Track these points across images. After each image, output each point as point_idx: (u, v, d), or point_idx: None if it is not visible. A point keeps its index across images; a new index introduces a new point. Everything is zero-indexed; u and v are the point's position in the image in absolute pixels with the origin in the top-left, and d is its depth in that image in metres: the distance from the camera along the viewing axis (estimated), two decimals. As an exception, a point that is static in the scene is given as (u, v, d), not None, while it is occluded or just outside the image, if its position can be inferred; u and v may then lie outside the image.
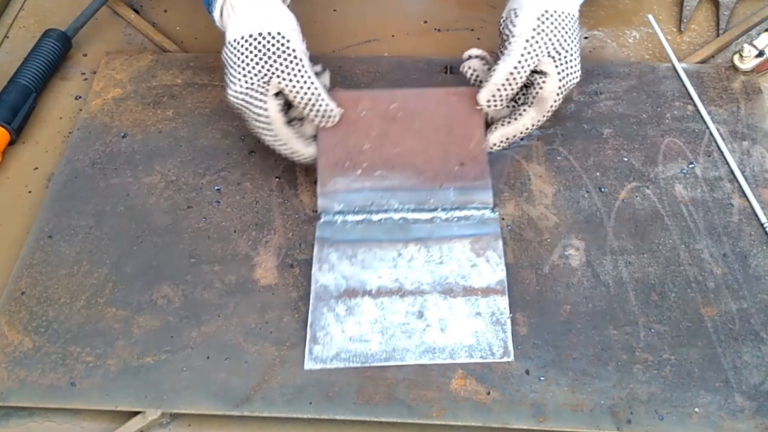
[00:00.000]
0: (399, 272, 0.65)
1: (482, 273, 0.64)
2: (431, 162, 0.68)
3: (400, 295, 0.64)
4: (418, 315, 0.63)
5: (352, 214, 0.67)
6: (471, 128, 0.69)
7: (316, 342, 0.62)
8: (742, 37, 0.83)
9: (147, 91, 0.80)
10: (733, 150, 0.73)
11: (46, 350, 0.62)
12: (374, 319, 0.63)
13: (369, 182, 0.68)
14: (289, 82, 0.64)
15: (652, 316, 0.63)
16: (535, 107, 0.67)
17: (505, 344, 0.61)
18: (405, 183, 0.68)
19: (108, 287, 0.66)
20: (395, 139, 0.69)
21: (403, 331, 0.62)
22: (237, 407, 0.59)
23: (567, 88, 0.67)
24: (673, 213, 0.69)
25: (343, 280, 0.64)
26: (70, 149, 0.75)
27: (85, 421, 0.61)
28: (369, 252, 0.66)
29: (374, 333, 0.62)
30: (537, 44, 0.65)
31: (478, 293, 0.63)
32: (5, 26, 0.89)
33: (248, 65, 0.64)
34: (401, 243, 0.66)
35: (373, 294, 0.64)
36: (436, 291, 0.64)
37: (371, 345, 0.61)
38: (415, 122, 0.69)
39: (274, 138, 0.67)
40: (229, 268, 0.66)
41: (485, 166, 0.68)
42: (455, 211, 0.67)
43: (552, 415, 0.58)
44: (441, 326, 0.62)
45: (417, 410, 0.59)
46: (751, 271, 0.65)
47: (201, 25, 0.88)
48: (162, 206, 0.71)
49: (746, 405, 0.58)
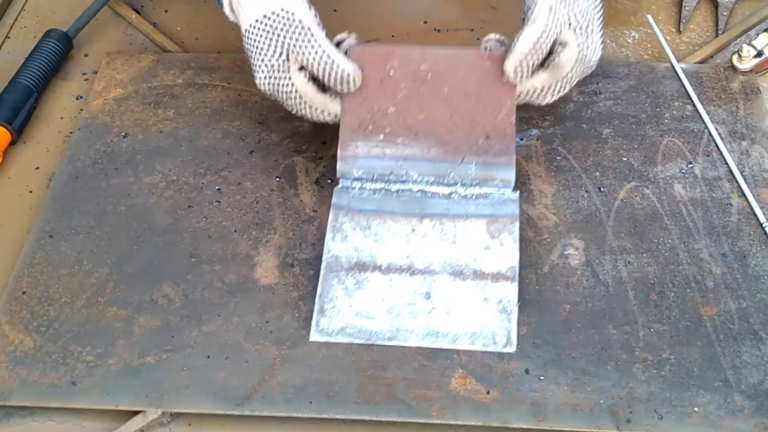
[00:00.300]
0: (411, 249, 0.64)
1: (495, 257, 0.64)
2: (455, 132, 0.67)
3: (409, 273, 0.63)
4: (426, 296, 0.62)
5: (370, 182, 0.67)
6: (501, 98, 0.66)
7: (323, 314, 0.62)
8: (741, 37, 0.84)
9: (148, 91, 0.80)
10: (732, 150, 0.73)
11: (46, 350, 0.62)
12: (382, 296, 0.62)
13: (390, 149, 0.67)
14: (301, 53, 0.64)
15: (652, 316, 0.63)
16: (549, 71, 0.65)
17: (508, 334, 0.61)
18: (426, 153, 0.67)
19: (109, 287, 0.66)
20: (421, 104, 0.67)
21: (410, 311, 0.62)
22: (237, 406, 0.59)
23: (585, 61, 0.65)
24: (672, 213, 0.69)
25: (354, 253, 0.64)
26: (71, 149, 0.75)
27: (85, 420, 0.61)
28: (383, 224, 0.66)
29: (381, 310, 0.62)
30: (560, 12, 0.63)
31: (487, 278, 0.63)
32: (6, 26, 0.90)
33: (263, 49, 0.65)
34: (416, 218, 0.66)
35: (383, 270, 0.64)
36: (446, 272, 0.63)
37: (377, 322, 0.61)
38: (444, 86, 0.67)
39: (314, 110, 0.67)
40: (229, 267, 0.67)
41: (511, 142, 0.66)
42: (475, 187, 0.67)
43: (552, 414, 0.58)
44: (447, 309, 0.62)
45: (417, 409, 0.59)
46: (750, 271, 0.65)
47: (202, 26, 0.89)
48: (163, 206, 0.71)
49: (745, 404, 0.58)
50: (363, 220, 0.66)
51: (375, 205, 0.66)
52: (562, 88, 0.66)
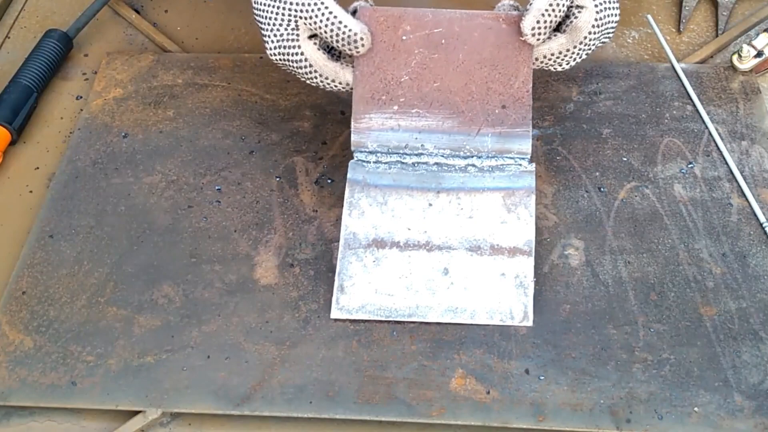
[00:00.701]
0: (428, 224, 0.65)
1: (511, 231, 0.64)
2: (471, 101, 0.66)
3: (427, 250, 0.64)
4: (444, 272, 0.63)
5: (385, 155, 0.67)
6: (518, 64, 0.66)
7: (343, 291, 0.62)
8: (741, 37, 0.84)
9: (148, 91, 0.80)
10: (732, 150, 0.73)
11: (46, 350, 0.62)
12: (400, 273, 0.63)
13: (404, 121, 0.66)
14: (309, 18, 0.64)
15: (652, 316, 0.63)
16: (567, 34, 0.65)
17: (525, 308, 0.61)
18: (442, 125, 0.66)
19: (109, 287, 0.66)
20: (436, 72, 0.66)
21: (428, 288, 0.62)
22: (237, 406, 0.59)
23: (603, 24, 0.64)
24: (672, 213, 0.69)
25: (372, 229, 0.64)
26: (71, 149, 0.75)
27: (85, 420, 0.61)
28: (400, 200, 0.66)
29: (400, 288, 0.62)
30: None
31: (504, 253, 0.63)
32: (6, 26, 0.90)
33: (272, 18, 0.65)
34: (433, 192, 0.66)
35: (401, 246, 0.64)
36: (463, 247, 0.64)
37: (396, 300, 0.62)
38: (458, 53, 0.66)
39: (325, 78, 0.67)
40: (229, 267, 0.67)
41: (528, 111, 0.66)
42: (491, 159, 0.66)
43: (551, 414, 0.58)
44: (465, 285, 0.62)
45: (417, 409, 0.59)
46: (750, 271, 0.65)
47: (202, 26, 0.89)
48: (163, 206, 0.71)
49: (745, 404, 0.58)
50: (379, 196, 0.66)
51: (391, 180, 0.66)
52: (581, 52, 0.66)
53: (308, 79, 0.67)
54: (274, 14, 0.65)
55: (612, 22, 0.66)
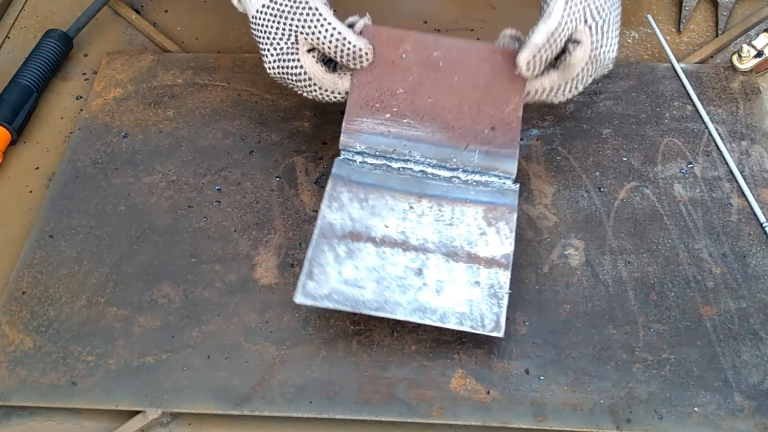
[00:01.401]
0: (407, 225, 0.64)
1: (490, 243, 0.64)
2: (462, 119, 0.67)
3: (403, 249, 0.63)
4: (417, 272, 0.62)
5: (372, 157, 0.67)
6: (510, 92, 0.66)
7: (311, 278, 0.61)
8: (741, 37, 0.84)
9: (148, 91, 0.80)
10: (732, 150, 0.73)
11: (46, 350, 0.62)
12: (373, 266, 0.62)
13: (395, 128, 0.67)
14: (311, 34, 0.65)
15: (652, 316, 0.63)
16: (560, 71, 0.65)
17: (497, 318, 0.60)
18: (431, 137, 0.67)
19: (109, 287, 0.66)
20: (431, 89, 0.67)
21: (399, 285, 0.61)
22: (237, 406, 0.59)
23: (599, 61, 0.65)
24: (672, 213, 0.69)
25: (349, 222, 0.64)
26: (71, 149, 0.75)
27: (85, 420, 0.61)
28: (381, 199, 0.66)
29: (370, 281, 0.61)
30: (577, 7, 0.62)
31: (481, 262, 0.63)
32: (6, 26, 0.90)
33: (271, 33, 0.65)
34: (415, 196, 0.66)
35: (376, 242, 0.63)
36: (440, 251, 0.63)
37: (365, 292, 0.61)
38: (454, 75, 0.67)
39: (324, 90, 0.67)
40: (229, 267, 0.67)
41: (516, 135, 0.66)
42: (476, 174, 0.67)
43: (551, 414, 0.58)
44: (437, 288, 0.61)
45: (417, 409, 0.59)
46: (750, 271, 0.65)
47: (201, 26, 0.89)
48: (163, 206, 0.71)
49: (745, 404, 0.58)
50: (361, 192, 0.66)
51: (374, 180, 0.67)
52: (573, 88, 0.66)
53: (306, 92, 0.68)
54: (275, 28, 0.65)
55: (608, 58, 0.66)
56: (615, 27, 0.65)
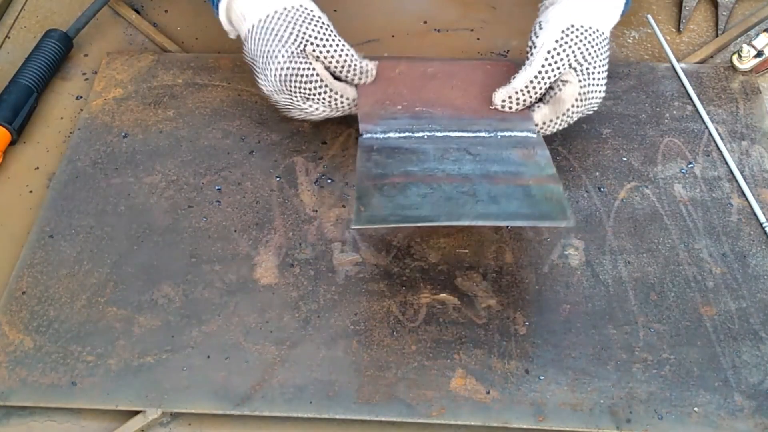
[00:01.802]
0: (445, 166, 0.63)
1: (532, 169, 0.62)
2: (471, 104, 0.69)
3: (448, 180, 0.61)
4: (470, 193, 0.60)
5: (394, 132, 0.67)
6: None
7: (364, 203, 0.58)
8: (741, 37, 0.84)
9: (148, 91, 0.80)
10: (732, 150, 0.73)
11: (46, 350, 0.62)
12: (424, 193, 0.60)
13: (409, 113, 0.68)
14: (323, 48, 0.66)
15: (652, 316, 0.63)
16: (550, 105, 0.67)
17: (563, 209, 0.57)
18: (446, 114, 0.68)
19: (109, 287, 0.66)
20: (433, 90, 0.70)
21: (455, 203, 0.59)
22: (237, 406, 0.59)
23: (587, 99, 0.66)
24: (672, 213, 0.69)
25: (390, 169, 0.62)
26: (71, 149, 0.75)
27: (85, 420, 0.61)
28: (414, 153, 0.64)
29: (425, 203, 0.58)
30: (559, 56, 0.65)
31: (529, 181, 0.61)
32: (6, 26, 0.90)
33: (283, 36, 0.66)
34: (444, 148, 0.65)
35: (420, 177, 0.61)
36: (485, 180, 0.61)
37: (422, 211, 0.58)
38: (452, 80, 0.71)
39: (333, 93, 0.68)
40: (229, 267, 0.67)
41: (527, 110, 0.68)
42: (498, 132, 0.67)
43: (551, 414, 0.58)
44: (494, 201, 0.59)
45: (417, 409, 0.59)
46: (750, 271, 0.65)
47: (201, 26, 0.89)
48: (163, 206, 0.71)
49: (745, 404, 0.58)
50: (392, 152, 0.64)
51: (402, 143, 0.66)
52: (563, 122, 0.68)
53: (313, 96, 0.67)
54: (287, 32, 0.66)
55: (595, 98, 0.67)
56: (602, 70, 0.67)
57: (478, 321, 0.63)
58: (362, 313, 0.63)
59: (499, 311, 0.63)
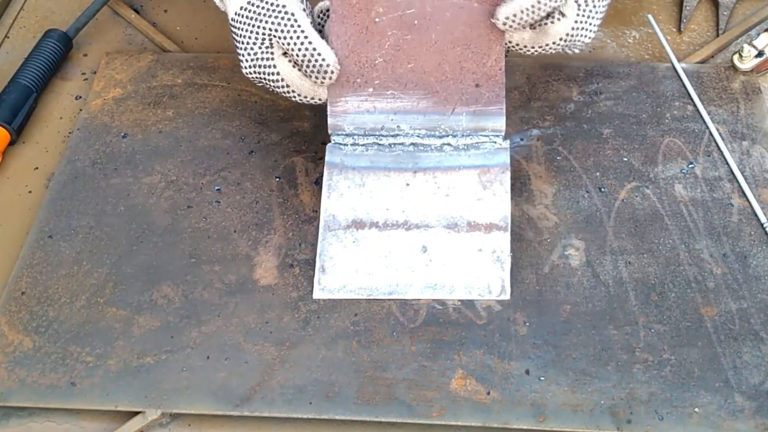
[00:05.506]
0: (406, 204, 0.66)
1: (487, 207, 0.65)
2: (445, 81, 0.67)
3: (405, 228, 0.65)
4: (422, 250, 0.64)
5: (362, 137, 0.68)
6: (490, 42, 0.66)
7: (324, 272, 0.64)
8: (742, 37, 0.83)
9: (147, 91, 0.80)
10: (733, 150, 0.73)
11: (46, 350, 0.62)
12: (380, 252, 0.65)
13: (380, 103, 0.67)
14: (282, 39, 0.64)
15: (652, 316, 0.63)
16: (534, 33, 0.65)
17: (503, 282, 0.63)
18: (416, 105, 0.67)
19: (108, 287, 0.66)
20: (409, 53, 0.67)
21: (407, 265, 0.64)
22: (237, 407, 0.59)
23: (573, 38, 0.65)
24: (673, 213, 0.69)
25: (351, 211, 0.66)
26: (70, 149, 0.75)
27: (85, 420, 0.61)
28: (377, 181, 0.67)
29: (379, 266, 0.64)
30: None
31: (481, 229, 0.65)
32: (6, 26, 0.90)
33: (246, 36, 0.65)
34: (410, 172, 0.67)
35: (379, 226, 0.66)
36: (440, 225, 0.65)
37: (376, 278, 0.64)
38: (431, 33, 0.67)
39: (302, 97, 0.67)
40: (229, 268, 0.67)
41: (501, 89, 0.67)
42: (466, 138, 0.68)
43: (552, 415, 0.58)
44: (443, 262, 0.64)
45: (417, 410, 0.59)
46: (751, 271, 0.65)
47: (201, 26, 0.88)
48: (162, 206, 0.71)
49: (746, 405, 0.58)
50: (357, 178, 0.67)
51: (368, 162, 0.68)
52: (537, 52, 0.66)
53: (285, 95, 0.67)
54: (249, 32, 0.65)
55: (581, 41, 0.66)
56: (599, 15, 0.65)
57: (478, 321, 0.63)
58: (362, 314, 0.63)
59: (499, 312, 0.63)
